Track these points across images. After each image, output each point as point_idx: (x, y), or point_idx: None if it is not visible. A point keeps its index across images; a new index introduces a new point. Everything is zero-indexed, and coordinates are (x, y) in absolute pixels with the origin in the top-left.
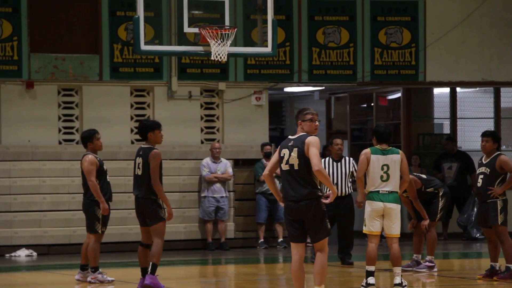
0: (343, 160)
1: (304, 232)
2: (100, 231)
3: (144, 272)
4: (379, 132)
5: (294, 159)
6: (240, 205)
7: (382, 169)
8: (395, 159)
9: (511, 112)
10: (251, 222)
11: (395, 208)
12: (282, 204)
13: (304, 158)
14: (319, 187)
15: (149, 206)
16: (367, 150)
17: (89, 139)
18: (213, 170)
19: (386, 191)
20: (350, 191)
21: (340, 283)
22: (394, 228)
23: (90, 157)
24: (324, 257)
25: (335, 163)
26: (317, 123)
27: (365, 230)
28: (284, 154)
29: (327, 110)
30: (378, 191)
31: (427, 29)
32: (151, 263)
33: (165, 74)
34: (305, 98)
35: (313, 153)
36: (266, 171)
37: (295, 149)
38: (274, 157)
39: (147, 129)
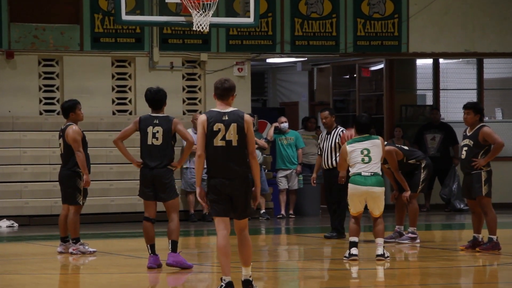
0: (332, 132)
1: (230, 208)
2: (81, 203)
3: (153, 249)
4: (359, 123)
5: (233, 135)
6: None
7: (362, 153)
8: (375, 143)
9: (494, 83)
10: None
11: (378, 191)
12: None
13: (242, 134)
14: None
15: (167, 178)
16: (343, 147)
17: (72, 109)
18: (195, 141)
19: (369, 173)
20: (335, 164)
21: (323, 254)
22: (378, 209)
23: (75, 127)
24: (249, 236)
25: (327, 136)
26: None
27: (350, 210)
28: (220, 129)
29: (309, 82)
30: (360, 173)
31: (410, 0)
32: (171, 240)
33: (147, 45)
34: (288, 69)
35: (253, 136)
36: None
37: (234, 125)
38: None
39: (165, 98)
